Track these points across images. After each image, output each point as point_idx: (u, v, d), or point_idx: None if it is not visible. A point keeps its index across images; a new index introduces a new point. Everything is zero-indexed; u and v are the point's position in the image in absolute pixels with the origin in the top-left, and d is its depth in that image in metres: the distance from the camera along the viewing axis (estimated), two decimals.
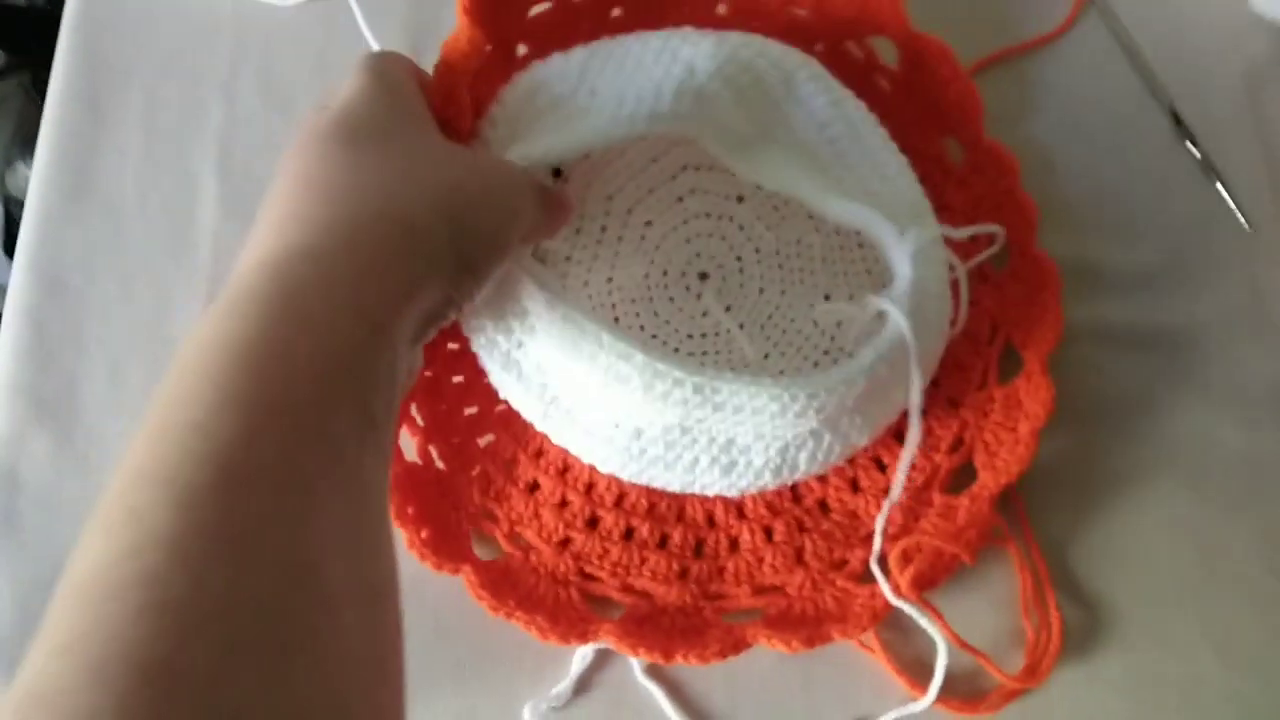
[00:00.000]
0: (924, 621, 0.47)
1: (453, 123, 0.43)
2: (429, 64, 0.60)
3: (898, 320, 0.45)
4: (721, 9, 0.56)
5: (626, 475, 0.48)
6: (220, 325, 0.30)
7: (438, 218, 0.36)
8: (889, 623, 0.48)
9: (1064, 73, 0.61)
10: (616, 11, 0.55)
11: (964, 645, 0.47)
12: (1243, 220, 0.58)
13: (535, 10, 0.52)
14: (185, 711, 0.24)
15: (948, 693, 0.47)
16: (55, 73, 0.60)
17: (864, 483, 0.52)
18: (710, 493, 0.49)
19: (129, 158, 0.58)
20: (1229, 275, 0.57)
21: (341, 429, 0.30)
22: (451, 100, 0.44)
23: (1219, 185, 0.58)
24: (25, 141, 0.91)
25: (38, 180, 0.57)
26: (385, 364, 0.33)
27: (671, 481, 0.48)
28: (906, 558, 0.48)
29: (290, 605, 0.26)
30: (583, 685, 0.49)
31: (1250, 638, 0.50)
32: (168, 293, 0.55)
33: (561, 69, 0.48)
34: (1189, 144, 0.59)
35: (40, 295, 0.55)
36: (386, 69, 0.41)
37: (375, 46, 0.60)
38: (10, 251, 0.88)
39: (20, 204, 0.96)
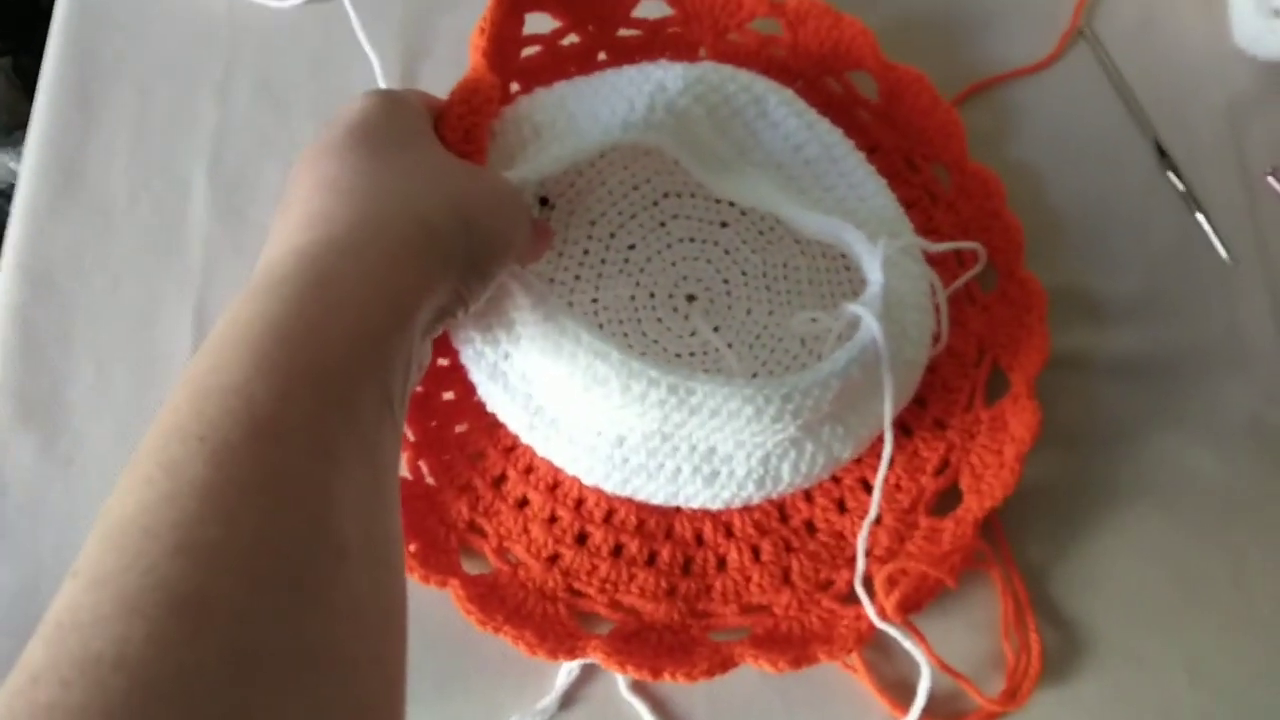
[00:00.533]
0: (908, 644, 0.47)
1: (470, 159, 0.45)
2: (424, 66, 0.61)
3: (868, 322, 0.46)
4: (702, 53, 0.58)
5: (610, 486, 0.49)
6: (256, 303, 0.33)
7: (452, 220, 0.39)
8: (872, 643, 0.49)
9: (1050, 102, 0.62)
10: (602, 55, 0.58)
11: (946, 668, 0.48)
12: (1223, 252, 0.59)
13: (527, 52, 0.55)
14: (211, 642, 0.26)
15: (929, 714, 0.48)
16: (45, 67, 0.60)
17: (851, 504, 0.52)
18: (694, 504, 0.49)
19: (119, 157, 0.58)
20: (1209, 306, 0.58)
21: (364, 404, 0.33)
22: (470, 139, 0.45)
23: (1200, 217, 0.59)
24: (7, 129, 0.90)
25: (27, 176, 0.57)
26: (404, 351, 0.36)
27: (655, 493, 0.48)
28: (892, 581, 0.48)
29: (309, 554, 0.29)
30: (568, 700, 0.49)
31: (1222, 661, 0.51)
32: (157, 293, 0.55)
33: (544, 100, 0.50)
34: (1172, 175, 0.60)
35: (28, 294, 0.54)
36: (395, 90, 0.43)
37: (370, 50, 0.60)
38: None
39: (2, 194, 0.95)
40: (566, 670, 0.49)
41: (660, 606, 0.50)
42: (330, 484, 0.30)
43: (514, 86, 0.55)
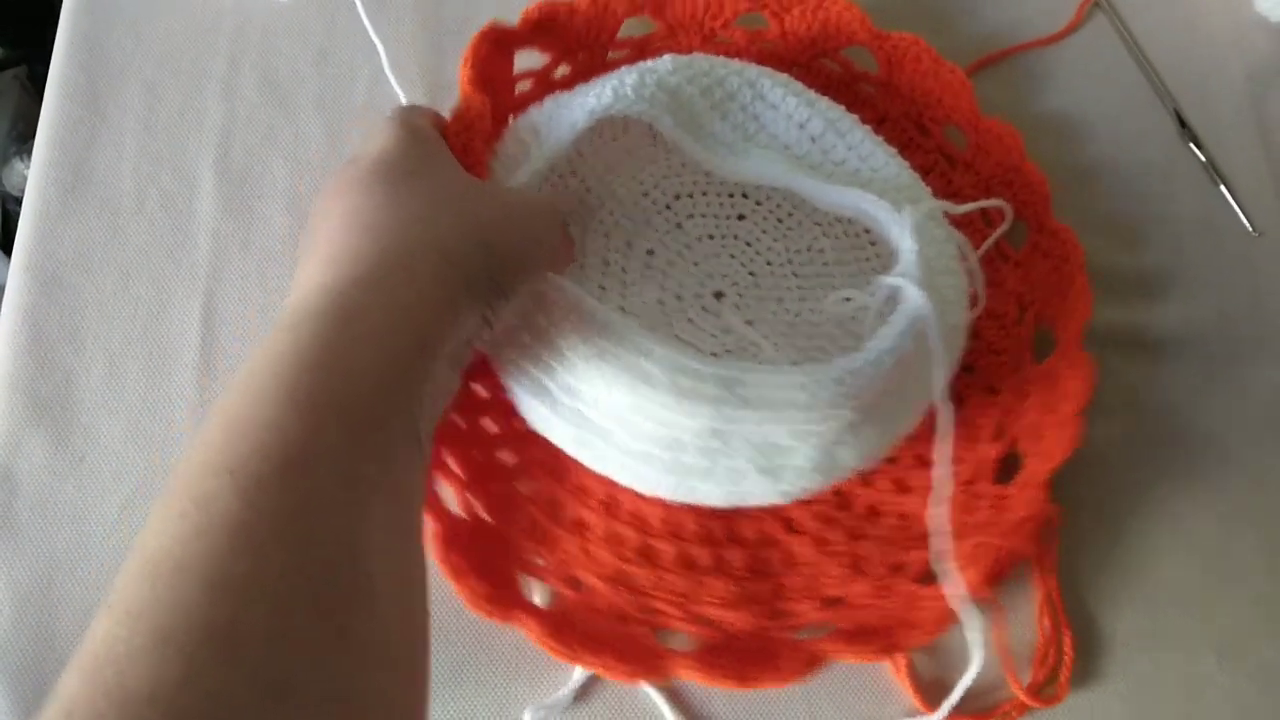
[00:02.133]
0: (970, 626, 0.46)
1: (472, 170, 0.46)
2: (431, 56, 0.60)
3: (911, 291, 0.45)
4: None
5: (667, 492, 0.47)
6: (286, 337, 0.33)
7: (472, 244, 0.39)
8: None
9: (1068, 74, 0.61)
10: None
11: (1006, 655, 0.47)
12: (1247, 224, 0.57)
13: (520, 88, 0.56)
14: (243, 675, 0.26)
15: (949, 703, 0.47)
16: (54, 67, 0.60)
17: (912, 482, 0.51)
18: (757, 502, 0.47)
19: (127, 154, 0.58)
20: (1232, 279, 0.57)
21: (391, 437, 0.34)
22: (469, 153, 0.46)
23: (1223, 188, 0.58)
24: (22, 137, 0.90)
25: (35, 177, 0.57)
26: (430, 381, 0.36)
27: (715, 494, 0.46)
28: (970, 559, 0.47)
29: (338, 587, 0.29)
30: (583, 692, 0.48)
31: (1252, 643, 0.50)
32: (165, 290, 0.55)
33: (537, 110, 0.51)
34: (1193, 146, 0.59)
35: (37, 293, 0.54)
36: (413, 120, 0.45)
37: (377, 41, 0.60)
38: (7, 249, 0.88)
39: (17, 201, 0.96)
40: None
41: (738, 613, 0.48)
42: (359, 517, 0.31)
43: (512, 120, 0.54)
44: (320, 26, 0.61)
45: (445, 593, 0.48)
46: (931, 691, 0.48)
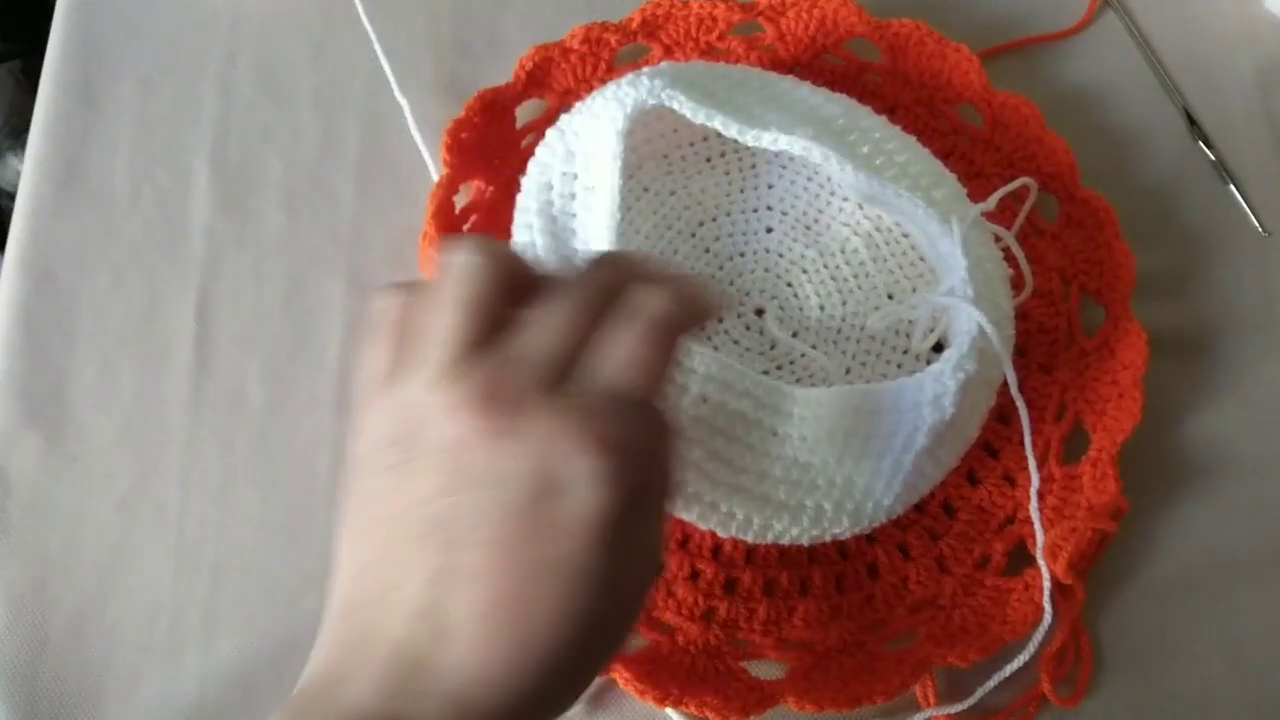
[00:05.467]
0: (1046, 610, 0.46)
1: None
2: (429, 51, 0.59)
3: (967, 312, 0.45)
4: None
5: (752, 536, 0.47)
6: None
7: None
8: None
9: (1078, 72, 0.61)
10: None
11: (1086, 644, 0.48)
12: (1256, 223, 0.57)
13: (526, 142, 0.55)
14: None
15: (950, 701, 0.46)
16: (48, 62, 0.59)
17: (980, 473, 0.50)
18: (842, 537, 0.47)
19: (121, 149, 0.57)
20: (1242, 279, 0.56)
21: None
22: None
23: (1233, 187, 0.58)
24: (15, 131, 0.90)
25: (29, 172, 0.56)
26: None
27: (800, 536, 0.46)
28: (1060, 544, 0.47)
29: None
30: (595, 701, 0.48)
31: (1261, 646, 0.49)
32: (160, 287, 0.54)
33: (549, 150, 0.50)
34: (1203, 145, 0.59)
35: (30, 290, 0.54)
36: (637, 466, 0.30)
37: (374, 36, 0.59)
38: (1, 245, 0.87)
39: (10, 196, 0.95)
40: None
41: (829, 632, 0.48)
42: None
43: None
44: (317, 22, 0.60)
45: None
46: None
